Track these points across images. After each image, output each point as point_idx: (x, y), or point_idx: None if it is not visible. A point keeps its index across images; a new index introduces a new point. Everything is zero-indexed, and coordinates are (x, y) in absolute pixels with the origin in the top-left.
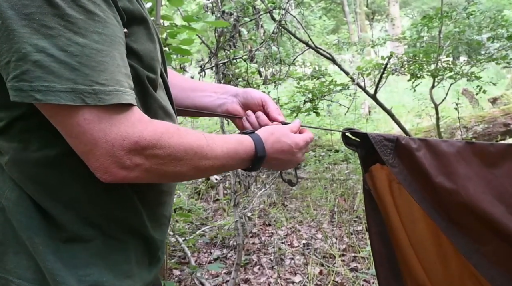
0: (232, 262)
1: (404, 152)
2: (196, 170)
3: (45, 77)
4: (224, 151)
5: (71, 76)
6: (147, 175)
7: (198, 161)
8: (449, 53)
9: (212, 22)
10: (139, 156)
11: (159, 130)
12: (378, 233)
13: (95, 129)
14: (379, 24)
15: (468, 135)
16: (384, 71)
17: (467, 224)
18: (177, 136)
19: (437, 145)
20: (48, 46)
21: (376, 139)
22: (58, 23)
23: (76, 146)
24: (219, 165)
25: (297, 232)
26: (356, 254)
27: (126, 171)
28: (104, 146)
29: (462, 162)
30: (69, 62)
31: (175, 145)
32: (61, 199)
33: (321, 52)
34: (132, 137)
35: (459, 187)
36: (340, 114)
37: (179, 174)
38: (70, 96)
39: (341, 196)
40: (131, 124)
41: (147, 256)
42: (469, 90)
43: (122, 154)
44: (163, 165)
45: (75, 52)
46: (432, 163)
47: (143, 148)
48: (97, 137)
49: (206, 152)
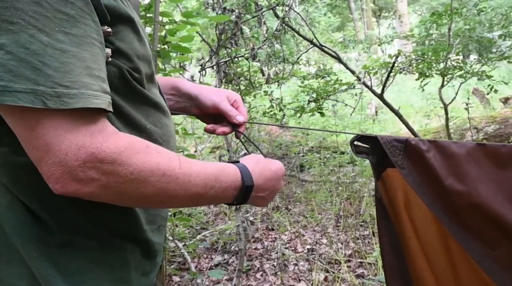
0: (233, 268)
1: (414, 153)
2: (164, 194)
3: (2, 76)
4: (201, 177)
5: (32, 76)
6: (103, 192)
7: (167, 184)
8: (459, 51)
9: (212, 17)
10: (94, 170)
11: (121, 144)
12: (389, 244)
13: (49, 135)
14: (386, 21)
15: (478, 136)
16: (392, 70)
17: (478, 227)
18: (143, 153)
19: (447, 146)
20: (7, 42)
21: (385, 140)
22: (21, 18)
23: (29, 151)
24: (195, 192)
25: (301, 236)
26: (363, 259)
27: (79, 184)
28: (56, 154)
29: (473, 164)
30: (29, 60)
31: (139, 163)
32: (53, 204)
33: (326, 50)
34: (89, 148)
35: (470, 188)
36: (345, 115)
37: (142, 196)
38: (29, 98)
39: (347, 200)
40: (90, 133)
41: (144, 260)
42: (479, 89)
43: (75, 164)
44: (123, 183)
45: (37, 51)
46: (442, 164)
47: (101, 160)
48: (50, 144)
49: (178, 175)
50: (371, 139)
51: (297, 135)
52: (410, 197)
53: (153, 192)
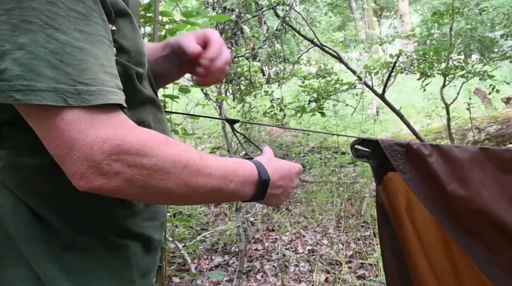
0: (234, 269)
1: (416, 157)
2: (187, 187)
3: (25, 75)
4: (221, 170)
5: (53, 75)
6: (128, 186)
7: (189, 176)
8: (460, 51)
9: (212, 17)
10: (120, 162)
11: (144, 136)
12: (390, 249)
13: (73, 130)
14: (388, 21)
15: (480, 136)
16: (393, 70)
17: (481, 233)
18: (165, 145)
19: (449, 151)
20: (27, 42)
21: (386, 144)
22: (38, 18)
23: (52, 149)
24: (215, 185)
25: (301, 237)
26: (364, 260)
27: (104, 178)
28: (81, 149)
29: (476, 168)
30: (49, 59)
31: (162, 154)
32: (57, 206)
33: (326, 50)
34: (114, 140)
35: (473, 194)
36: (346, 115)
37: (165, 190)
38: (52, 96)
39: (348, 200)
40: (113, 126)
41: (146, 258)
42: (481, 89)
43: (101, 157)
44: (148, 176)
45: (55, 50)
46: (445, 169)
47: (125, 152)
48: (75, 139)
49: (199, 166)
50: (372, 143)
51: (297, 135)
52: (412, 201)
53: (176, 184)
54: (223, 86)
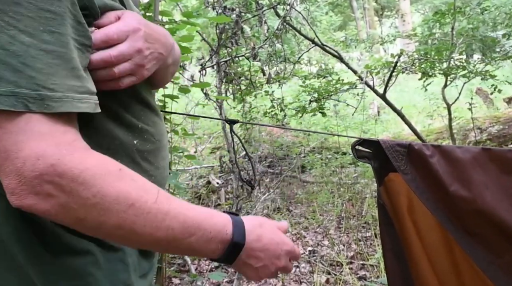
0: (234, 270)
1: (417, 158)
2: (129, 229)
3: None
4: (180, 219)
5: (13, 78)
6: (60, 212)
7: (134, 217)
8: (462, 50)
9: (213, 18)
10: (52, 185)
11: (88, 161)
12: (392, 250)
13: (9, 140)
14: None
15: (482, 137)
16: (394, 69)
17: (482, 234)
18: (113, 177)
19: (451, 151)
20: None
21: (387, 144)
22: (0, 19)
23: None
24: (169, 235)
25: (302, 238)
26: (365, 261)
27: (35, 198)
28: (14, 162)
29: (478, 169)
30: (9, 62)
31: (105, 186)
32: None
33: (327, 49)
34: (49, 159)
35: (475, 194)
36: (347, 115)
37: (102, 226)
38: (9, 101)
39: (349, 201)
40: (56, 143)
41: (142, 261)
42: (483, 89)
43: (32, 175)
44: (83, 207)
45: (17, 52)
46: (447, 170)
47: (59, 175)
48: (9, 151)
49: (150, 209)
50: (373, 144)
51: (298, 135)
52: (414, 201)
53: (116, 223)
54: (223, 86)
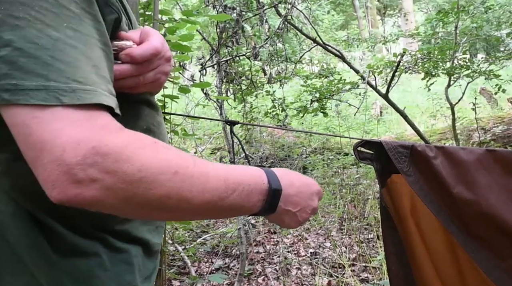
0: (235, 272)
1: (420, 159)
2: (179, 197)
3: (13, 74)
4: (220, 177)
5: (43, 72)
6: (108, 196)
7: (181, 184)
8: (466, 50)
9: (213, 16)
10: (96, 167)
11: (126, 138)
12: (395, 253)
13: (44, 130)
14: (391, 19)
15: (486, 137)
16: (397, 69)
17: (487, 237)
18: (151, 149)
19: (455, 153)
20: (15, 38)
21: (390, 146)
22: (27, 13)
23: (23, 152)
24: (214, 195)
25: (304, 240)
26: (367, 263)
27: (79, 186)
28: (52, 151)
29: (482, 171)
30: (39, 55)
31: (148, 159)
32: (56, 212)
33: (329, 49)
34: (90, 141)
35: (479, 197)
36: (349, 115)
37: (153, 200)
38: (41, 95)
39: (351, 202)
40: (92, 127)
41: (146, 261)
42: (487, 89)
43: (74, 161)
44: (131, 184)
45: (46, 45)
46: (450, 171)
47: (102, 155)
48: (45, 141)
49: (192, 173)
50: (375, 145)
51: (299, 136)
52: (417, 204)
53: (165, 193)
54: (223, 86)
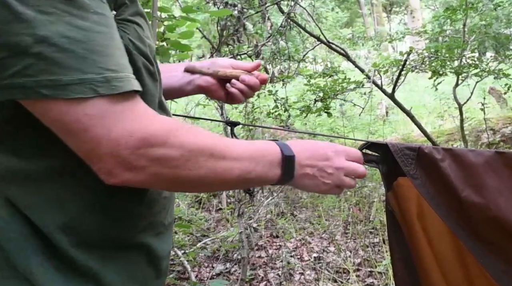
0: (236, 277)
1: (427, 162)
2: (215, 174)
3: (50, 69)
4: (247, 153)
5: (78, 66)
6: (156, 178)
7: (216, 162)
8: (474, 48)
9: (213, 12)
10: (147, 156)
11: (167, 126)
12: (402, 259)
13: (98, 125)
14: (398, 17)
15: (495, 138)
16: (403, 68)
17: (496, 242)
18: (189, 134)
19: (463, 155)
20: (48, 34)
21: (396, 148)
22: (54, 7)
23: (76, 146)
24: (243, 169)
25: (307, 244)
26: (373, 268)
27: (132, 172)
28: (108, 144)
29: (491, 174)
30: (73, 49)
31: (188, 143)
32: (56, 218)
33: (333, 47)
34: (139, 132)
35: (489, 201)
36: (354, 115)
37: (194, 179)
38: (80, 88)
39: (356, 205)
40: (137, 117)
41: (152, 270)
42: (496, 89)
43: (128, 152)
44: (175, 167)
45: (77, 37)
46: (458, 174)
47: (152, 145)
48: (100, 135)
49: (224, 152)
50: (381, 147)
51: (303, 137)
52: (424, 208)
53: (204, 173)
54: None
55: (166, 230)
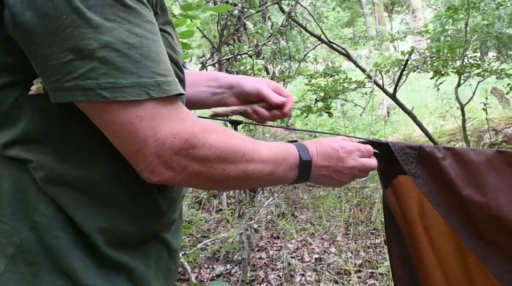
0: (236, 279)
1: (428, 161)
2: (244, 174)
3: (111, 73)
4: (271, 156)
5: (135, 70)
6: (194, 177)
7: (246, 164)
8: (476, 48)
9: (213, 8)
10: (188, 157)
11: (207, 128)
12: (400, 258)
13: (146, 127)
14: (399, 16)
15: (497, 138)
16: (405, 68)
17: (498, 242)
18: (224, 136)
19: (464, 154)
20: (112, 40)
21: (397, 147)
22: (116, 15)
23: (124, 147)
24: (268, 171)
25: (308, 245)
26: (374, 270)
27: (173, 171)
28: (154, 145)
29: (492, 172)
30: (131, 55)
31: (224, 145)
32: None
33: (334, 47)
34: (183, 134)
35: (490, 200)
36: (355, 116)
37: (226, 178)
38: (135, 91)
39: (357, 206)
40: (181, 120)
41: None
42: (498, 89)
43: (172, 153)
44: (212, 167)
45: (135, 44)
46: (459, 173)
47: (193, 146)
48: (148, 136)
49: (254, 155)
50: (381, 146)
51: (304, 137)
52: (425, 206)
53: (235, 173)
54: None
55: (178, 225)
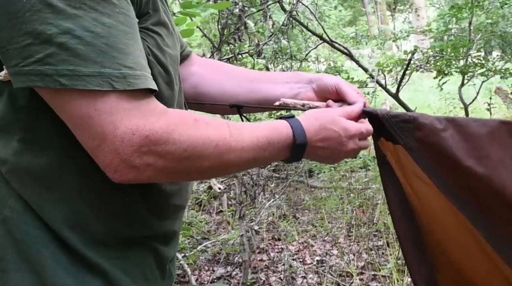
0: (237, 281)
1: (427, 132)
2: (220, 164)
3: (71, 60)
4: (253, 141)
5: (98, 59)
6: (161, 174)
7: (220, 155)
8: (480, 47)
9: (213, 5)
10: (150, 154)
11: (172, 122)
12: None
13: (105, 121)
14: (402, 15)
15: None
16: (407, 67)
17: (499, 215)
18: (194, 128)
19: (467, 125)
20: (74, 27)
21: (390, 122)
22: (82, 2)
23: (84, 140)
24: (249, 158)
25: (310, 247)
26: (376, 272)
27: (136, 170)
28: (112, 141)
29: (495, 144)
30: (95, 43)
31: (192, 138)
32: (65, 217)
33: (336, 46)
34: (143, 131)
35: (492, 172)
36: None
37: (200, 170)
38: (97, 81)
39: (359, 207)
40: (143, 115)
41: (158, 272)
42: (503, 88)
43: (131, 150)
44: (179, 162)
45: (101, 33)
46: (461, 145)
47: (155, 143)
48: (107, 131)
49: (230, 143)
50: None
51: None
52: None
53: (209, 164)
54: None
55: (175, 237)
